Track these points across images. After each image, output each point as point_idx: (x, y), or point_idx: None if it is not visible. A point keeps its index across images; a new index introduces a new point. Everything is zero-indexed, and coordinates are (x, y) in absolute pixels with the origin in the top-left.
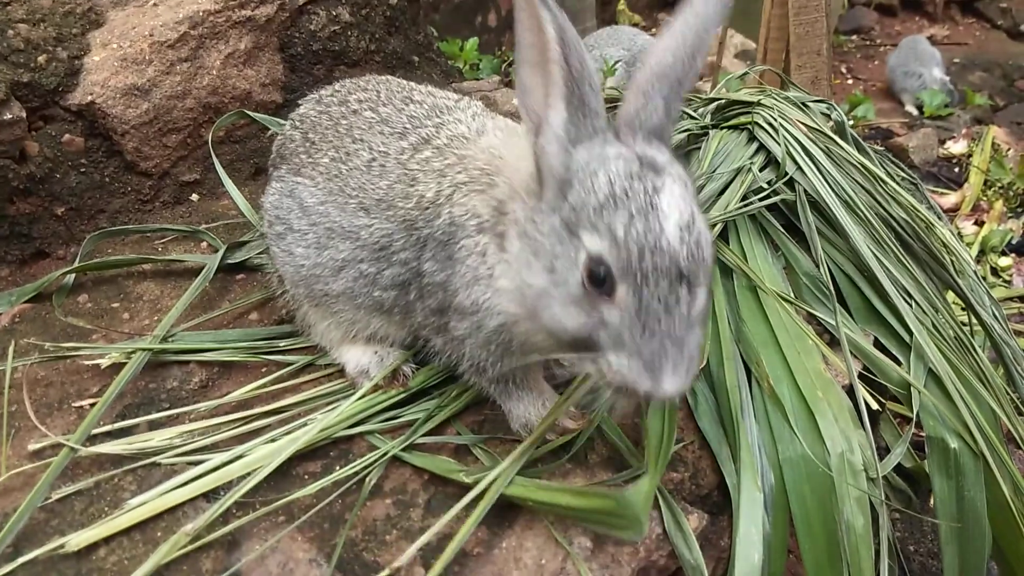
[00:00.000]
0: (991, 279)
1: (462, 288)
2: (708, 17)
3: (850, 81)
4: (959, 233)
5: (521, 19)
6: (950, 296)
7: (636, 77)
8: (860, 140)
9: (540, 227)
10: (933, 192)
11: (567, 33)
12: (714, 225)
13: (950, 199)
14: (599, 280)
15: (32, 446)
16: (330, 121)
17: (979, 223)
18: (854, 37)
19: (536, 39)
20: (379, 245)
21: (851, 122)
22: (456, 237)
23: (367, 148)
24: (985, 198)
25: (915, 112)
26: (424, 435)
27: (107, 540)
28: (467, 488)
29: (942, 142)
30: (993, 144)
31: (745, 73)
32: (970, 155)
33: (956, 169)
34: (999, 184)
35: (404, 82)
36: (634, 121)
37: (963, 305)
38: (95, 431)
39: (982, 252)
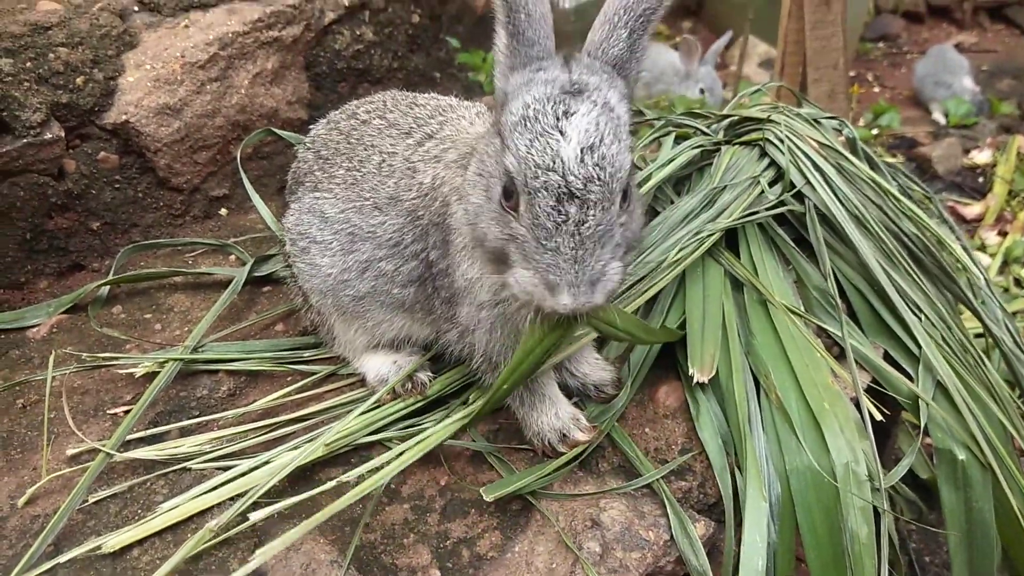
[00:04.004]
0: (1014, 290)
1: (456, 269)
2: None
3: (876, 89)
4: (982, 244)
5: None
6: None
7: (605, 6)
8: (872, 155)
9: (488, 149)
10: (957, 202)
11: None
12: (715, 233)
13: (974, 209)
14: (509, 195)
15: (70, 451)
16: (340, 135)
17: (1003, 233)
18: (881, 44)
19: None
20: (392, 241)
21: (876, 131)
22: (444, 216)
23: (377, 152)
24: (1009, 208)
25: (942, 121)
26: (440, 443)
27: (140, 541)
28: (480, 497)
29: (967, 151)
30: (1018, 154)
31: (758, 90)
32: (995, 165)
33: (980, 179)
34: None
35: (408, 93)
36: (596, 50)
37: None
38: (129, 437)
39: (1005, 263)
